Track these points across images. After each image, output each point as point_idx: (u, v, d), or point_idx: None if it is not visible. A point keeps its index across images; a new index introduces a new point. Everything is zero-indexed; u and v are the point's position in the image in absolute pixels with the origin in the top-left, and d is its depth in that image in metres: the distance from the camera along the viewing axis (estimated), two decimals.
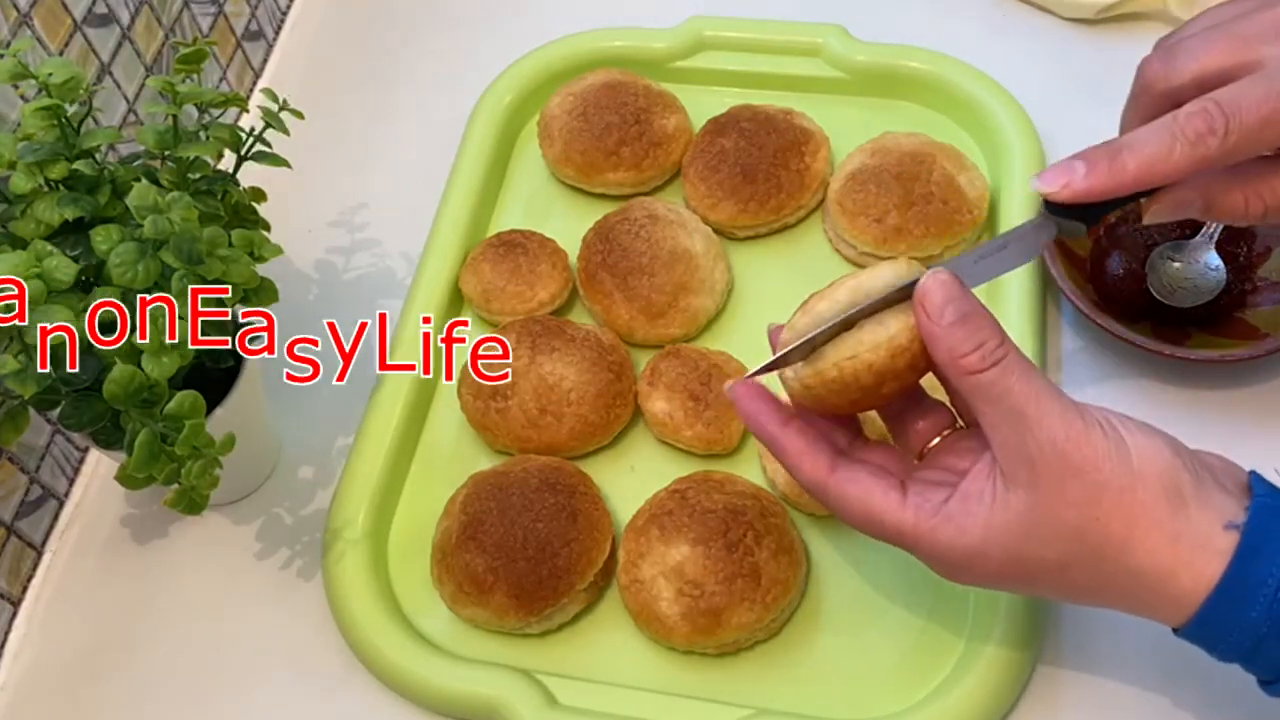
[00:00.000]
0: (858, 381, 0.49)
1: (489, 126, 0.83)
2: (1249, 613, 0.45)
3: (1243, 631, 0.45)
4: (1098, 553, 0.46)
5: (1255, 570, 0.45)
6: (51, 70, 0.58)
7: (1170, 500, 0.46)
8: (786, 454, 0.52)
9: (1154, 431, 0.48)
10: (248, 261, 0.59)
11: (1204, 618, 0.46)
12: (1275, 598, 0.44)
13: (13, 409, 0.56)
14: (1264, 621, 0.45)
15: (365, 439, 0.70)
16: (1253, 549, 0.45)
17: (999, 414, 0.47)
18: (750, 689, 0.61)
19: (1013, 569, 0.48)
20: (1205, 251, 0.70)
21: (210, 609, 0.67)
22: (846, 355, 0.49)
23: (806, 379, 0.50)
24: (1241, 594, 0.45)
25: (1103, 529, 0.46)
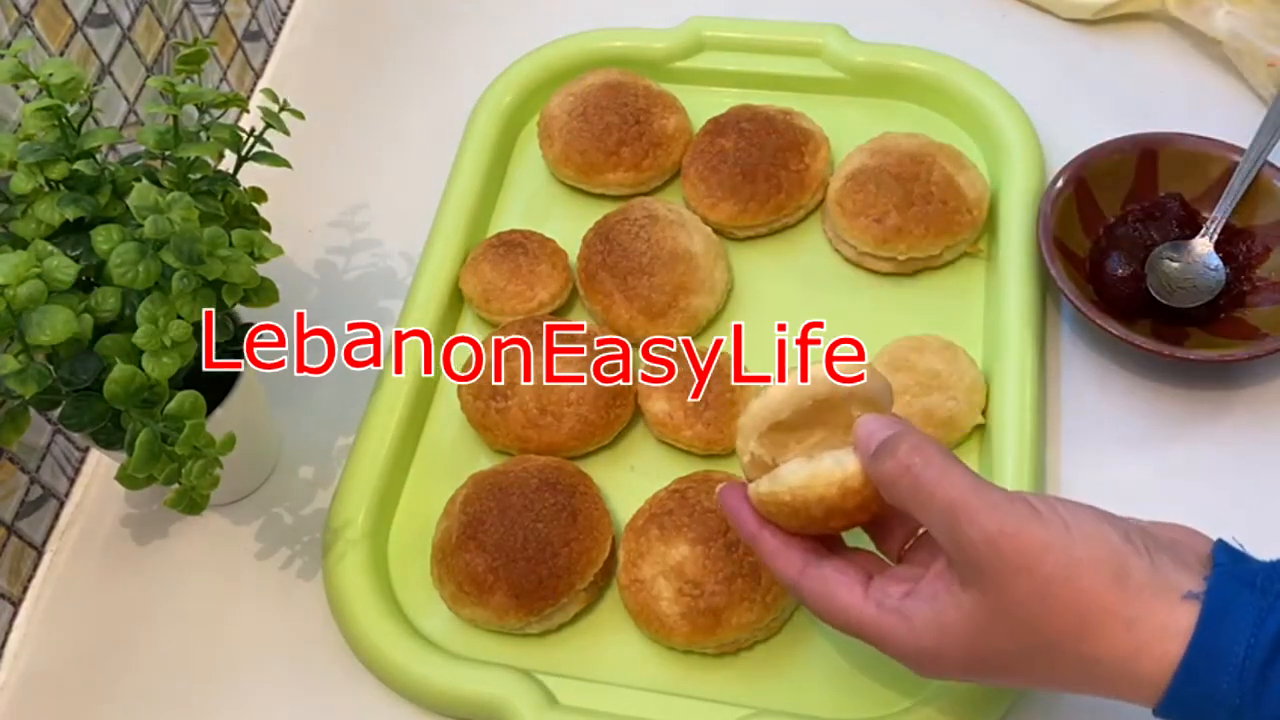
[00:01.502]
0: (807, 511, 0.51)
1: (489, 126, 0.83)
2: (1219, 685, 0.43)
3: (1217, 703, 0.43)
4: (1053, 646, 0.46)
5: (1218, 642, 0.43)
6: (52, 70, 0.58)
7: (1120, 586, 0.44)
8: (763, 553, 0.54)
9: (1100, 516, 0.47)
10: (248, 262, 0.59)
11: (1174, 697, 0.44)
12: (1244, 666, 0.43)
13: (13, 409, 0.56)
14: (1235, 693, 0.43)
15: (365, 439, 0.70)
16: (1214, 619, 0.43)
17: (934, 518, 0.47)
18: (750, 689, 0.61)
19: (973, 663, 0.48)
20: (1204, 251, 0.70)
21: (210, 609, 0.67)
22: (801, 484, 0.51)
23: (764, 495, 0.53)
24: (1208, 668, 0.43)
25: (1056, 620, 0.45)
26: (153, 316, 0.55)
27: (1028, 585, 0.45)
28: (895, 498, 0.49)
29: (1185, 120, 0.75)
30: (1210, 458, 0.67)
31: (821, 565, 0.52)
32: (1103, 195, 0.74)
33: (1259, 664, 0.43)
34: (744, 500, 0.55)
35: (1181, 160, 0.73)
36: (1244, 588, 0.44)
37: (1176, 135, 0.73)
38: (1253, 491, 0.65)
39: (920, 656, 0.49)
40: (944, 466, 0.47)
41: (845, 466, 0.50)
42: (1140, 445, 0.68)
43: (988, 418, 0.67)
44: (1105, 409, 0.69)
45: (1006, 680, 0.50)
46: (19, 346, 0.53)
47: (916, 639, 0.49)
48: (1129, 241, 0.72)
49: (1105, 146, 0.73)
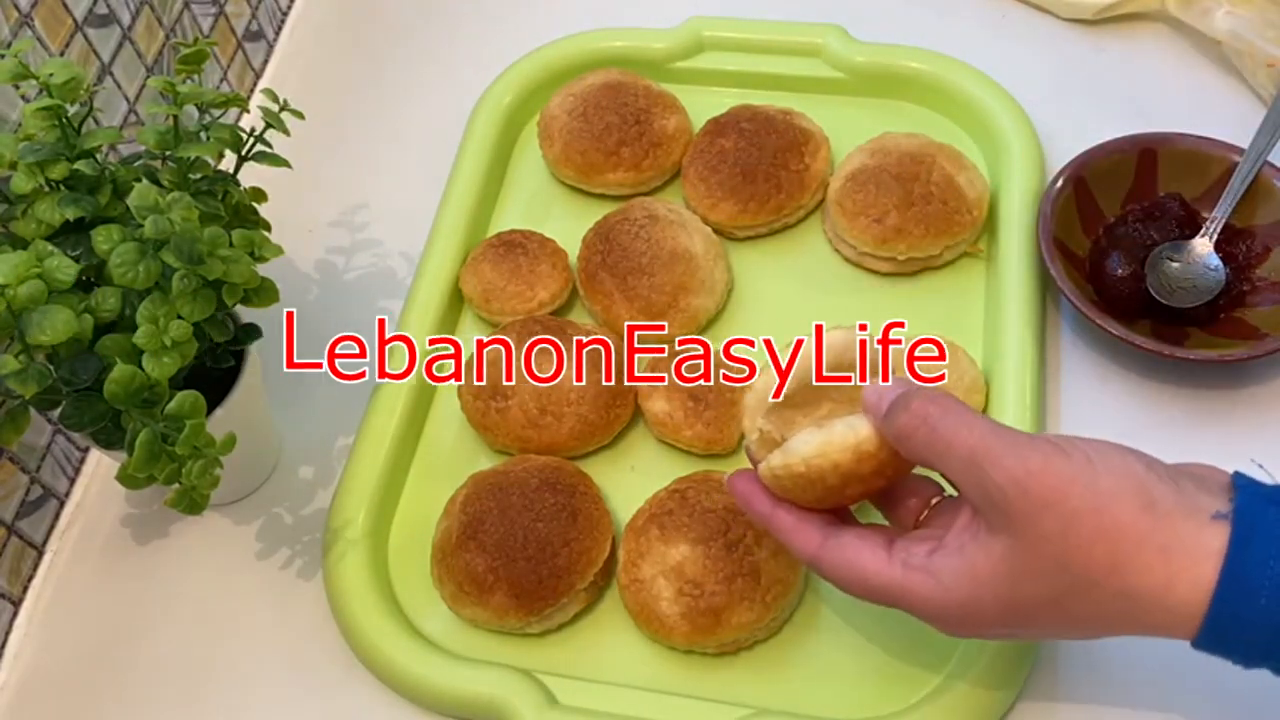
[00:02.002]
0: (823, 480, 0.51)
1: (489, 126, 0.83)
2: (1257, 602, 0.43)
3: (1257, 625, 0.43)
4: (1087, 581, 0.45)
5: (1253, 556, 0.43)
6: (52, 70, 0.58)
7: (1149, 514, 0.44)
8: (779, 532, 0.54)
9: (1123, 449, 0.47)
10: (248, 262, 0.59)
11: (1213, 622, 0.44)
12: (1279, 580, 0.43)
13: (13, 409, 0.56)
14: (1276, 607, 0.43)
15: (365, 439, 0.70)
16: (1245, 537, 0.43)
17: (955, 466, 0.47)
18: (750, 689, 0.61)
19: (1009, 614, 0.47)
20: (1204, 251, 0.70)
21: (210, 609, 0.67)
22: (815, 453, 0.50)
23: (777, 469, 0.52)
24: (1245, 586, 0.43)
25: (1086, 557, 0.45)
26: (153, 316, 0.55)
27: (1057, 521, 0.44)
28: (913, 452, 0.48)
29: (1185, 120, 0.75)
30: (1210, 458, 0.66)
31: (840, 535, 0.52)
32: (1103, 195, 0.74)
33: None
34: (754, 482, 0.54)
35: (1181, 160, 0.73)
36: (1270, 504, 0.44)
37: (1176, 135, 0.73)
38: None
39: (954, 613, 0.48)
40: (960, 413, 0.47)
41: (858, 430, 0.50)
42: (1140, 445, 0.67)
43: None
44: (1105, 409, 0.69)
45: (1043, 631, 0.48)
46: (19, 346, 0.53)
47: (947, 595, 0.48)
48: (1129, 241, 0.72)
49: (1105, 146, 0.73)
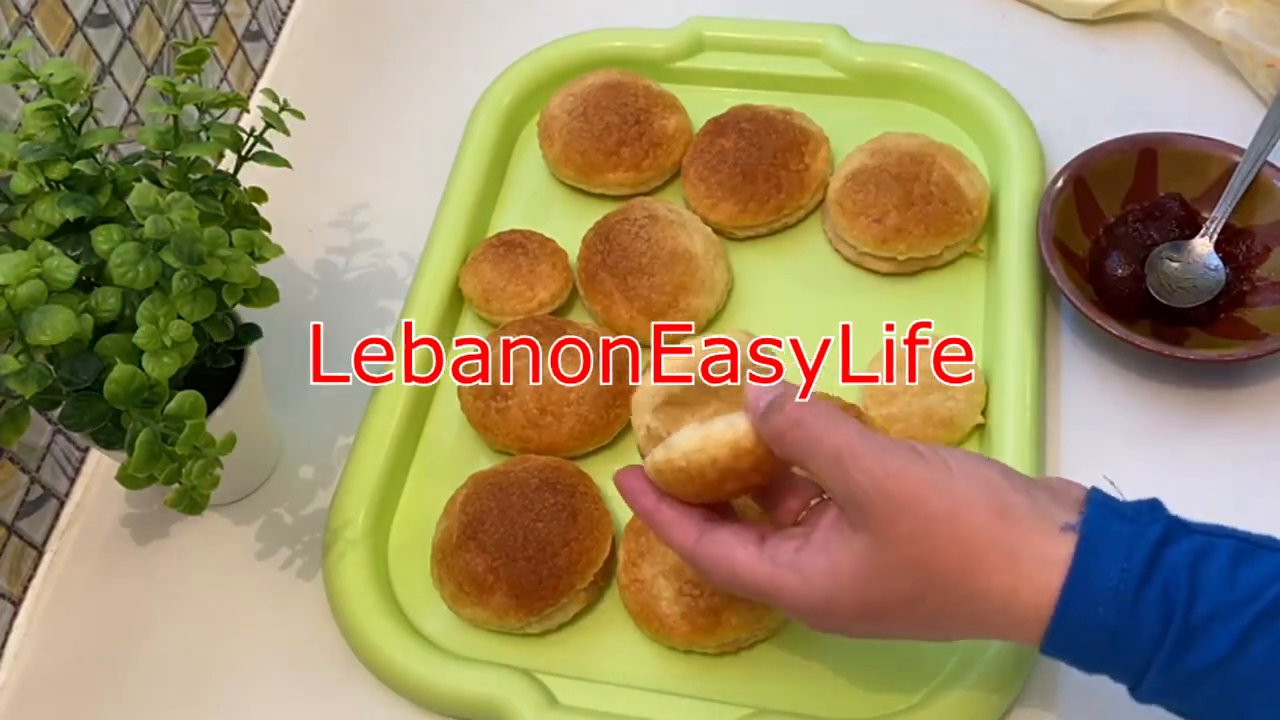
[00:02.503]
0: (702, 475, 0.51)
1: (489, 127, 0.83)
2: (1097, 609, 0.45)
3: (1096, 630, 0.45)
4: (940, 582, 0.47)
5: (1095, 566, 0.45)
6: (52, 70, 0.58)
7: (1001, 521, 0.46)
8: (659, 526, 0.54)
9: (983, 459, 0.49)
10: (248, 262, 0.59)
11: (1056, 627, 0.46)
12: (1119, 589, 0.44)
13: (13, 409, 0.56)
14: (1112, 615, 0.45)
15: (365, 439, 0.70)
16: (1090, 547, 0.45)
17: (822, 465, 0.48)
18: (750, 689, 0.61)
19: (867, 610, 0.49)
20: (1204, 251, 0.70)
21: (210, 609, 0.67)
22: (695, 448, 0.51)
23: (659, 463, 0.53)
24: (1086, 593, 0.45)
25: (941, 559, 0.46)
26: (153, 316, 0.55)
27: (913, 523, 0.46)
28: (786, 451, 0.49)
29: (1185, 120, 0.75)
30: (1210, 458, 0.67)
31: (716, 531, 0.53)
32: (1103, 195, 0.74)
33: (1133, 586, 0.44)
34: (640, 478, 0.55)
35: (1181, 160, 0.73)
36: (1116, 518, 0.46)
37: (1176, 135, 0.73)
38: (1253, 491, 0.65)
39: (818, 608, 0.50)
40: (830, 417, 0.49)
41: (736, 427, 0.51)
42: (1140, 445, 0.68)
43: (988, 418, 0.67)
44: (1105, 409, 0.69)
45: (900, 629, 0.50)
46: (19, 346, 0.53)
47: (810, 591, 0.49)
48: (1129, 241, 0.72)
49: (1105, 146, 0.73)
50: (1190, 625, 0.44)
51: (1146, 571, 0.45)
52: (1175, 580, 0.44)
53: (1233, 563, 0.45)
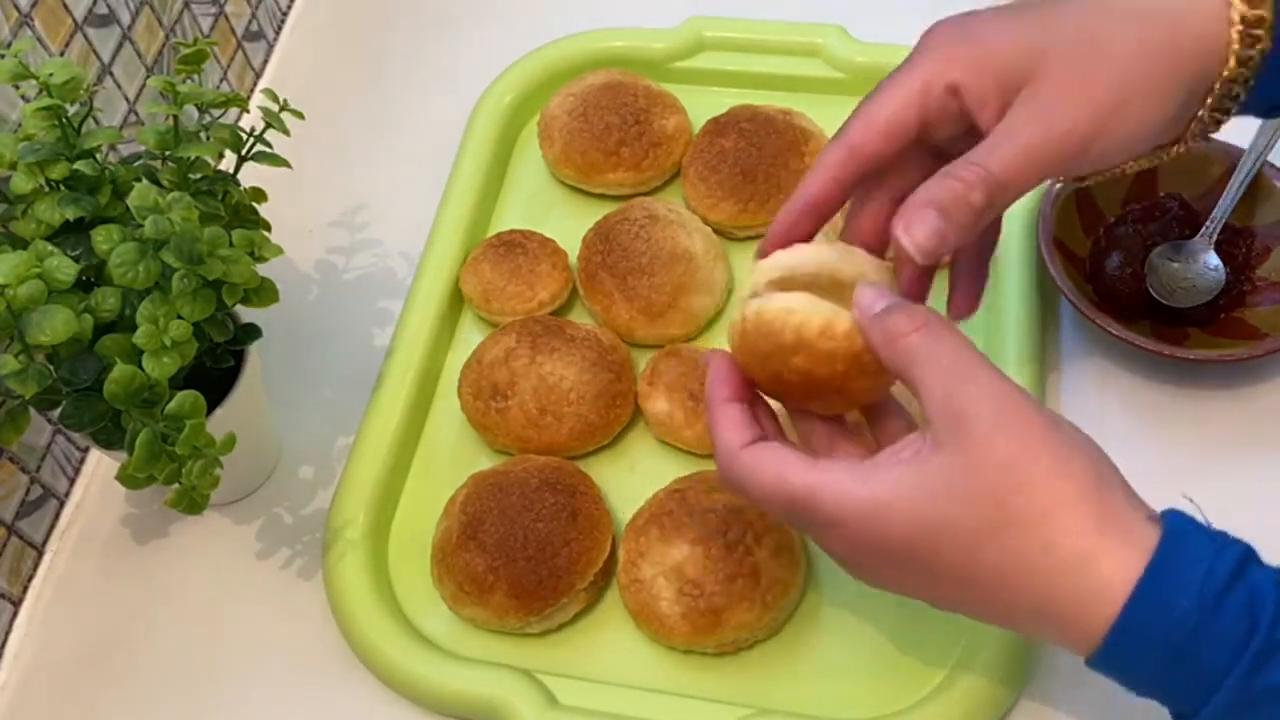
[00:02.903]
0: (780, 338, 0.47)
1: (489, 126, 0.83)
2: (1178, 600, 0.41)
3: (1173, 627, 0.41)
4: (1013, 525, 0.42)
5: (1182, 559, 0.42)
6: (52, 70, 0.58)
7: (1099, 488, 0.43)
8: (715, 420, 0.50)
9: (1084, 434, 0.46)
10: (248, 262, 0.59)
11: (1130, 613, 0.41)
12: (1204, 585, 0.41)
13: (13, 409, 0.56)
14: (1195, 611, 0.41)
15: (365, 439, 0.70)
16: (1177, 542, 0.42)
17: (934, 372, 0.44)
18: (750, 689, 0.61)
19: (918, 539, 0.44)
20: (1204, 251, 0.70)
21: (210, 609, 0.67)
22: (787, 307, 0.48)
23: (749, 312, 0.49)
24: (1170, 582, 0.41)
25: (1027, 496, 0.42)
26: (153, 316, 0.55)
27: (1014, 449, 0.43)
28: (896, 355, 0.45)
29: None
30: (1210, 458, 0.67)
31: (769, 443, 0.48)
32: (1103, 195, 0.74)
33: (1219, 585, 0.41)
34: (729, 366, 0.51)
35: (1181, 160, 0.73)
36: (1198, 527, 0.44)
37: None
38: (1253, 491, 0.65)
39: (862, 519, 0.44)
40: (954, 329, 0.45)
41: (839, 313, 0.47)
42: (1140, 445, 0.68)
43: None
44: (1105, 409, 0.69)
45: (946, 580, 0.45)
46: (19, 346, 0.53)
47: (859, 493, 0.44)
48: (1129, 241, 0.72)
49: None
50: (1275, 639, 0.41)
51: (1232, 577, 0.41)
52: (1261, 592, 0.41)
53: None
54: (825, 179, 0.51)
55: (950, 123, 0.50)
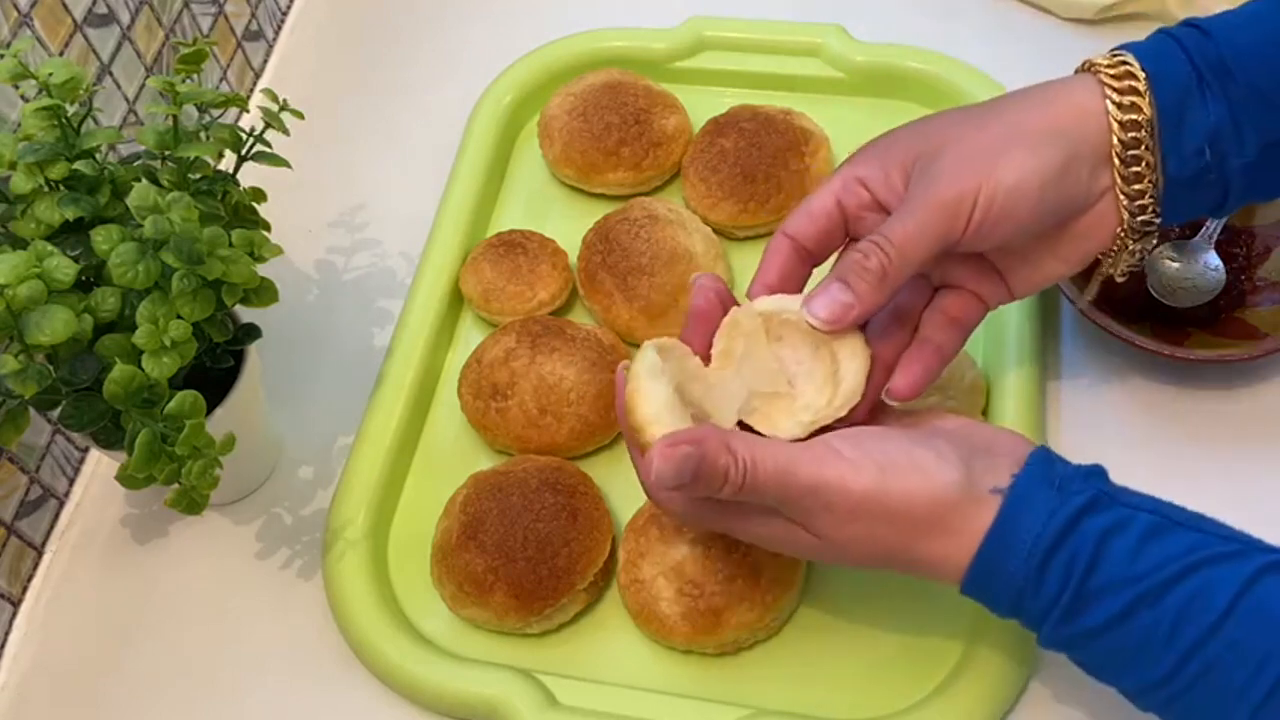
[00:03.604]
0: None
1: (489, 126, 0.83)
2: (1008, 566, 0.49)
3: (1005, 585, 0.50)
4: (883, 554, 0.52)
5: (1014, 528, 0.49)
6: (52, 70, 0.58)
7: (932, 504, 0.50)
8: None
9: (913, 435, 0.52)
10: (248, 261, 0.59)
11: (973, 575, 0.50)
12: (1030, 552, 0.48)
13: (13, 409, 0.56)
14: (1021, 575, 0.49)
15: (365, 439, 0.70)
16: (1012, 514, 0.49)
17: (796, 508, 0.51)
18: (750, 689, 0.61)
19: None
20: (1205, 252, 0.70)
21: (210, 609, 0.67)
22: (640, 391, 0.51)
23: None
24: (1001, 551, 0.49)
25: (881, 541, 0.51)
26: (152, 316, 0.55)
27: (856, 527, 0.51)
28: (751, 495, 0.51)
29: None
30: (1210, 458, 0.67)
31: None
32: None
33: (1043, 552, 0.48)
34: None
35: None
36: (1044, 486, 0.50)
37: None
38: (1253, 491, 0.65)
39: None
40: (759, 449, 0.50)
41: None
42: (1140, 445, 0.68)
43: (988, 418, 0.67)
44: (1105, 409, 0.69)
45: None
46: (19, 346, 0.53)
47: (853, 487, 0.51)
48: None
49: None
50: (1083, 593, 0.48)
51: (1058, 539, 0.48)
52: (1081, 550, 0.48)
53: (1142, 539, 0.48)
54: (777, 264, 0.56)
55: (869, 210, 0.56)
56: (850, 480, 0.50)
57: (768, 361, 0.55)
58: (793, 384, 0.55)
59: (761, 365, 0.55)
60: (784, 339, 0.55)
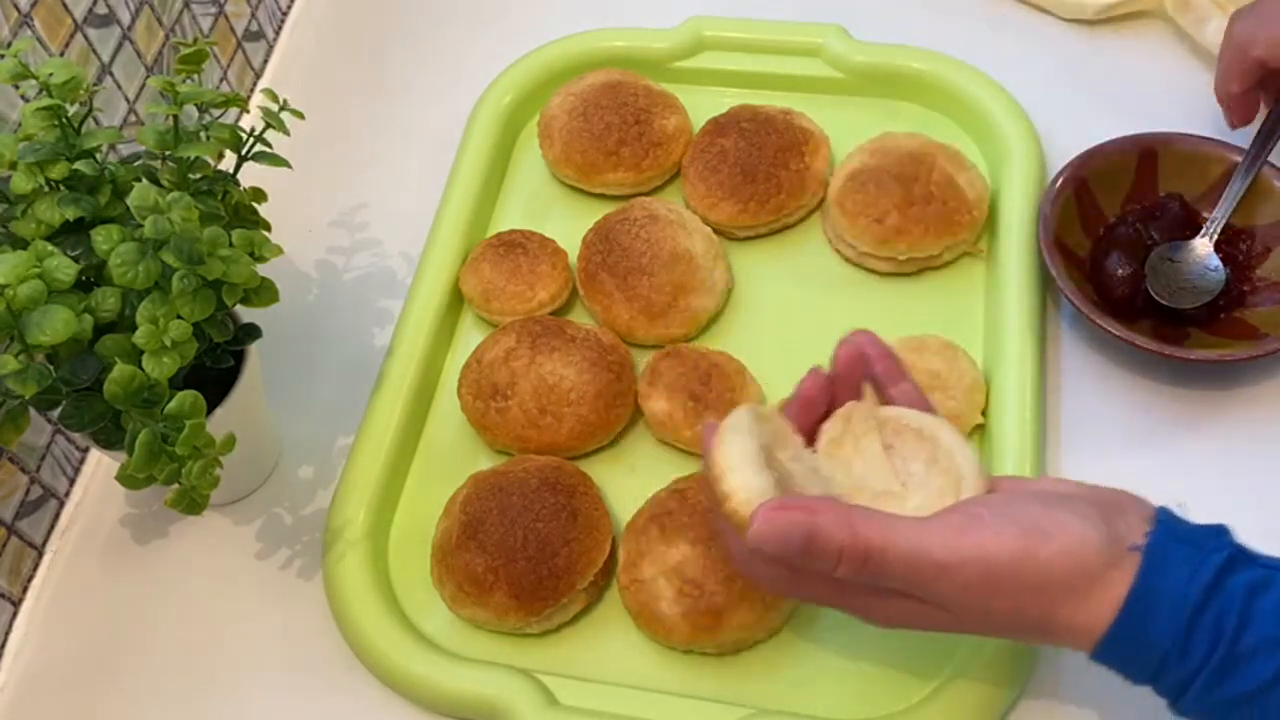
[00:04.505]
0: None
1: (489, 127, 0.83)
2: (1152, 628, 0.46)
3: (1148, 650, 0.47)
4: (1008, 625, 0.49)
5: (1157, 588, 0.46)
6: (52, 70, 0.58)
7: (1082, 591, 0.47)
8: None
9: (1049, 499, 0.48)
10: (248, 261, 0.59)
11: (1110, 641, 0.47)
12: (1174, 612, 0.46)
13: (13, 409, 0.56)
14: (1166, 637, 0.46)
15: (365, 439, 0.70)
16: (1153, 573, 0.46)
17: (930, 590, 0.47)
18: (750, 689, 0.61)
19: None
20: (1205, 252, 0.70)
21: (210, 609, 0.67)
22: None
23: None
24: (1145, 611, 0.46)
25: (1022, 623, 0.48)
26: (153, 316, 0.55)
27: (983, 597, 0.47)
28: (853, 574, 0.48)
29: (1185, 120, 0.75)
30: (1210, 458, 0.67)
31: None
32: (1103, 195, 0.74)
33: (1190, 611, 0.46)
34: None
35: (1181, 160, 0.73)
36: (1181, 544, 0.47)
37: (1177, 135, 0.73)
38: (1253, 491, 0.65)
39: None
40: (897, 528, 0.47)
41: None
42: (1140, 445, 0.68)
43: (988, 418, 0.67)
44: (1105, 409, 0.69)
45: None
46: (19, 346, 0.53)
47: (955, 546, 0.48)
48: (1129, 241, 0.72)
49: (1105, 146, 0.73)
50: (1234, 654, 0.45)
51: (1204, 599, 0.46)
52: (1229, 609, 0.45)
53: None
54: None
55: None
56: (992, 549, 0.46)
57: (882, 461, 0.53)
58: (905, 486, 0.52)
59: (875, 462, 0.52)
60: (895, 448, 0.53)
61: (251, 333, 0.64)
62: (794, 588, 0.51)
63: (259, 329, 0.64)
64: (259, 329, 0.64)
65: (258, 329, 0.64)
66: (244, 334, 0.64)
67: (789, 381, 0.70)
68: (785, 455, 0.52)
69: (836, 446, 0.53)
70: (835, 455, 0.53)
